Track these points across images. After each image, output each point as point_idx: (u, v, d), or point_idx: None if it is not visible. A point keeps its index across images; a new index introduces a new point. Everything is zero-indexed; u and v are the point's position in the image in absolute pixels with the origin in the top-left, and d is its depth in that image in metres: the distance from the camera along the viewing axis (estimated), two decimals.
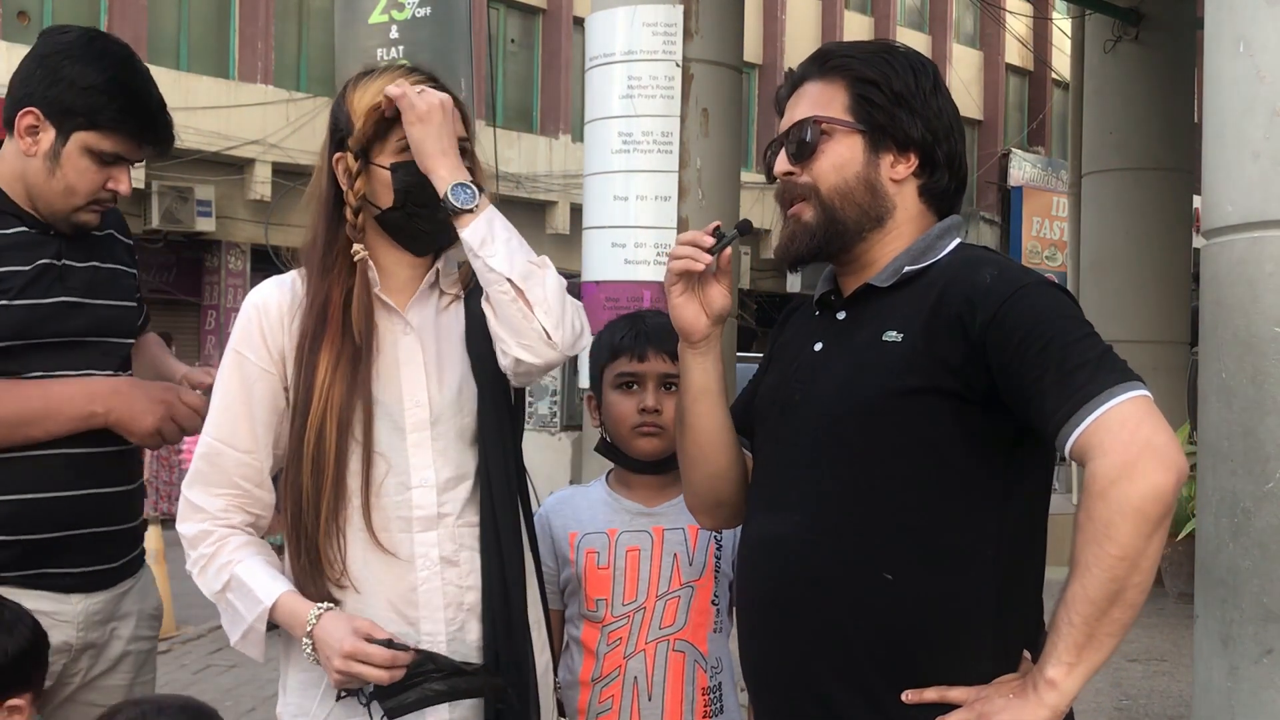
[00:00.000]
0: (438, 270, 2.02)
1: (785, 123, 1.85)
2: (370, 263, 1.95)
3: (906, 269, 1.75)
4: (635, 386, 2.27)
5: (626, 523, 2.29)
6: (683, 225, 5.81)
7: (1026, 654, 1.66)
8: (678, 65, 5.76)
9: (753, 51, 20.40)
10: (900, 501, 1.66)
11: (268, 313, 1.95)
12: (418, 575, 1.91)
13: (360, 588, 1.90)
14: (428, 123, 1.87)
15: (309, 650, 1.82)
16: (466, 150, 1.95)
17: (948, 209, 1.84)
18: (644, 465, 2.30)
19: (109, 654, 2.30)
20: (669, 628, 2.24)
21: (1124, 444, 1.48)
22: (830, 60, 1.84)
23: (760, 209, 20.43)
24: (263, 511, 1.94)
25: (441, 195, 1.86)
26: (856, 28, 22.82)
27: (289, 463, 1.92)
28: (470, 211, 1.86)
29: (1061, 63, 20.50)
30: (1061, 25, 17.59)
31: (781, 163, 1.82)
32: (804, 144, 1.79)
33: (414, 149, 1.88)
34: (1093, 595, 1.48)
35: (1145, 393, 1.53)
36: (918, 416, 1.65)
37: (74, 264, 2.25)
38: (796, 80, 1.87)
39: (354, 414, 1.89)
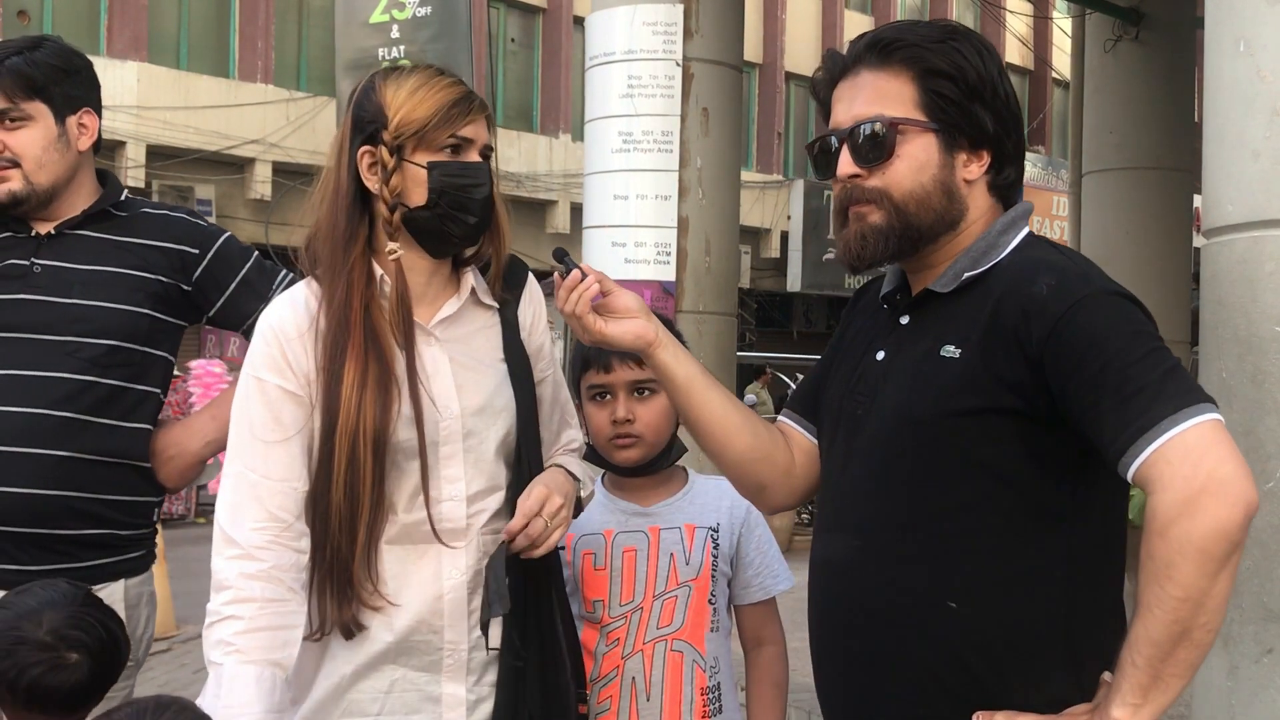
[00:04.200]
0: (473, 287, 1.97)
1: (843, 116, 1.68)
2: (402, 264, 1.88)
3: (966, 275, 1.64)
4: (607, 397, 2.25)
5: (622, 523, 2.28)
6: (683, 224, 5.81)
7: (1106, 676, 1.55)
8: (678, 65, 5.75)
9: (753, 51, 20.39)
10: (963, 525, 1.57)
11: (287, 335, 1.87)
12: (444, 585, 1.88)
13: (393, 600, 1.86)
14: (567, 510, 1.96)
15: None
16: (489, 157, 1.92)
17: (1013, 198, 1.72)
18: (631, 469, 2.29)
19: None
20: (666, 628, 2.23)
21: (1185, 478, 1.38)
22: (894, 48, 1.65)
23: (760, 208, 20.51)
24: (300, 546, 1.83)
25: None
26: (857, 27, 22.80)
27: (318, 484, 1.84)
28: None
29: (1061, 62, 20.50)
30: (1062, 24, 17.57)
31: (846, 164, 1.66)
32: (875, 145, 1.63)
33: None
34: (1155, 637, 1.40)
35: (1212, 415, 1.42)
36: (978, 437, 1.56)
37: (50, 263, 2.31)
38: (846, 66, 1.70)
39: (387, 429, 1.82)
